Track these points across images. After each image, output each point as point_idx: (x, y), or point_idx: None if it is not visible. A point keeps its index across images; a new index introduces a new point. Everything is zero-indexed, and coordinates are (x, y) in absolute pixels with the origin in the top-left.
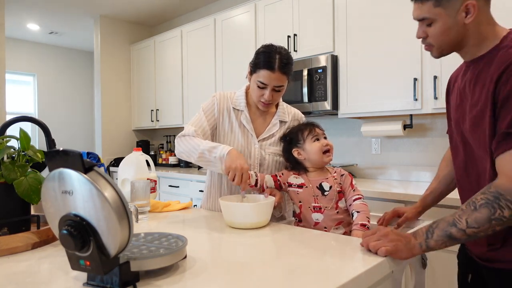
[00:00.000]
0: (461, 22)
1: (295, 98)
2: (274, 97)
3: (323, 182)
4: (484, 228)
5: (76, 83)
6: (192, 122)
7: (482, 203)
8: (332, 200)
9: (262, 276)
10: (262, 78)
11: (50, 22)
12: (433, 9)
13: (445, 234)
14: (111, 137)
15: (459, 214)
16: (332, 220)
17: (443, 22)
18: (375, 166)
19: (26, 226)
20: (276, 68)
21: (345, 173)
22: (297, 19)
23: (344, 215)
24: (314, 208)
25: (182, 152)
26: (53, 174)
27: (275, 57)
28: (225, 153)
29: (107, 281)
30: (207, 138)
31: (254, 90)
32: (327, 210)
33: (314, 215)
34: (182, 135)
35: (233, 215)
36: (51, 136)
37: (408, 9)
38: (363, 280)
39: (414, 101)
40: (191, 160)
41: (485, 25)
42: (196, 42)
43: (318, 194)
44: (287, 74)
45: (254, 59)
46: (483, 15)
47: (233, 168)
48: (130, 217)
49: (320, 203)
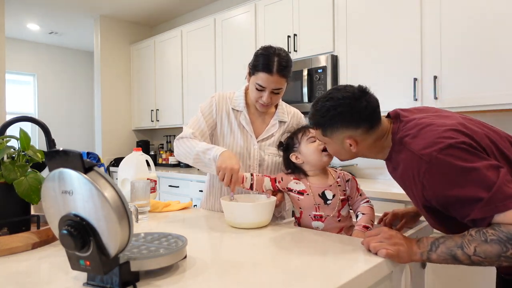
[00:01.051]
0: (348, 149)
1: (295, 98)
2: (272, 100)
3: (326, 191)
4: (490, 261)
5: (76, 83)
6: (190, 124)
7: (493, 239)
8: (334, 209)
9: (262, 276)
10: (260, 80)
11: (50, 22)
12: (321, 136)
13: (449, 253)
14: (111, 137)
15: (469, 239)
16: (333, 228)
17: (332, 147)
18: (375, 166)
19: (26, 226)
20: (274, 71)
21: (350, 178)
22: (297, 19)
23: (346, 222)
24: (315, 217)
25: (180, 154)
26: (53, 174)
27: (273, 60)
28: (217, 154)
29: (107, 281)
30: (206, 140)
31: (252, 91)
32: (328, 218)
33: (314, 223)
34: (180, 137)
35: (235, 215)
36: (51, 136)
37: (408, 9)
38: (363, 280)
39: (414, 101)
40: (188, 163)
41: (373, 147)
42: (196, 42)
43: (320, 202)
44: (285, 77)
45: (253, 61)
46: (368, 142)
47: (223, 168)
48: (130, 217)
49: (322, 212)
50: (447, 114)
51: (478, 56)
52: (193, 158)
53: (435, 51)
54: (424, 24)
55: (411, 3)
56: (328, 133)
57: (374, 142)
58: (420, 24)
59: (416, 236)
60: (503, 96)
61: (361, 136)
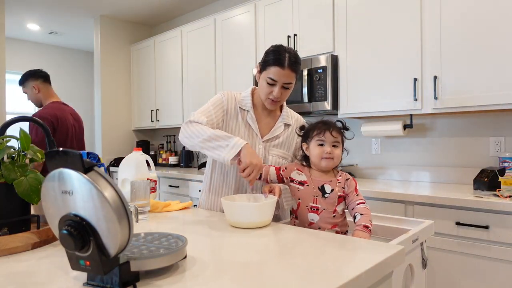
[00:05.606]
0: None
1: (295, 98)
2: (282, 95)
3: (326, 184)
4: None
5: (76, 83)
6: (202, 112)
7: None
8: (331, 203)
9: (262, 276)
10: (272, 74)
11: (50, 22)
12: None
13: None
14: (111, 137)
15: None
16: (327, 223)
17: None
18: (375, 166)
19: (26, 226)
20: (286, 65)
21: (350, 178)
22: (297, 19)
23: (340, 219)
24: (312, 208)
25: (188, 135)
26: (53, 174)
27: (284, 55)
28: (241, 144)
29: (107, 281)
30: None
31: (263, 88)
32: (324, 212)
33: (310, 215)
34: (193, 121)
35: (236, 215)
36: (51, 136)
37: (408, 10)
38: (363, 280)
39: (414, 101)
40: (193, 143)
41: None
42: (196, 42)
43: (319, 195)
44: (295, 72)
45: (264, 58)
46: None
47: (253, 164)
48: (130, 217)
49: (319, 204)
50: None
51: (478, 56)
52: (204, 139)
53: (435, 51)
54: (424, 24)
55: (411, 3)
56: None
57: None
58: (420, 24)
59: (417, 237)
60: (503, 96)
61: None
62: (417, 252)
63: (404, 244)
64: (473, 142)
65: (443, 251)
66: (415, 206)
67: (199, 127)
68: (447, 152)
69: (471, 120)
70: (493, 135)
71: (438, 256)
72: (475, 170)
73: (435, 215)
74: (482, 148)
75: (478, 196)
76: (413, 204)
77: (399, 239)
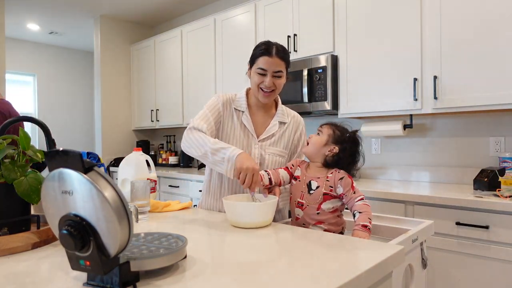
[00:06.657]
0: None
1: (295, 98)
2: (275, 84)
3: (312, 181)
4: None
5: (76, 83)
6: (201, 118)
7: None
8: (315, 200)
9: (262, 276)
10: (261, 64)
11: (50, 22)
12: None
13: None
14: (111, 137)
15: None
16: (311, 219)
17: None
18: (375, 166)
19: (26, 226)
20: (273, 54)
21: (344, 176)
22: (297, 19)
23: (328, 217)
24: (298, 203)
25: (189, 146)
26: (53, 174)
27: (272, 46)
28: (235, 155)
29: (107, 281)
30: (213, 136)
31: (255, 81)
32: (308, 208)
33: (296, 210)
34: (193, 127)
35: (238, 215)
36: (51, 136)
37: (408, 9)
38: (363, 280)
39: (414, 101)
40: (194, 155)
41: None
42: (196, 42)
43: (305, 191)
44: (284, 61)
45: (252, 53)
46: None
47: (244, 169)
48: (130, 217)
49: (304, 200)
50: None
51: (478, 56)
52: (203, 153)
53: (435, 51)
54: (424, 24)
55: (411, 3)
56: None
57: None
58: (420, 24)
59: (417, 237)
60: (503, 96)
61: None
62: (417, 252)
63: (403, 244)
64: (473, 142)
65: (443, 251)
66: (415, 206)
67: (199, 136)
68: (447, 152)
69: (471, 120)
70: (493, 135)
71: (438, 256)
72: (475, 170)
73: (435, 215)
74: (482, 148)
75: (478, 196)
76: (413, 204)
77: (398, 239)
